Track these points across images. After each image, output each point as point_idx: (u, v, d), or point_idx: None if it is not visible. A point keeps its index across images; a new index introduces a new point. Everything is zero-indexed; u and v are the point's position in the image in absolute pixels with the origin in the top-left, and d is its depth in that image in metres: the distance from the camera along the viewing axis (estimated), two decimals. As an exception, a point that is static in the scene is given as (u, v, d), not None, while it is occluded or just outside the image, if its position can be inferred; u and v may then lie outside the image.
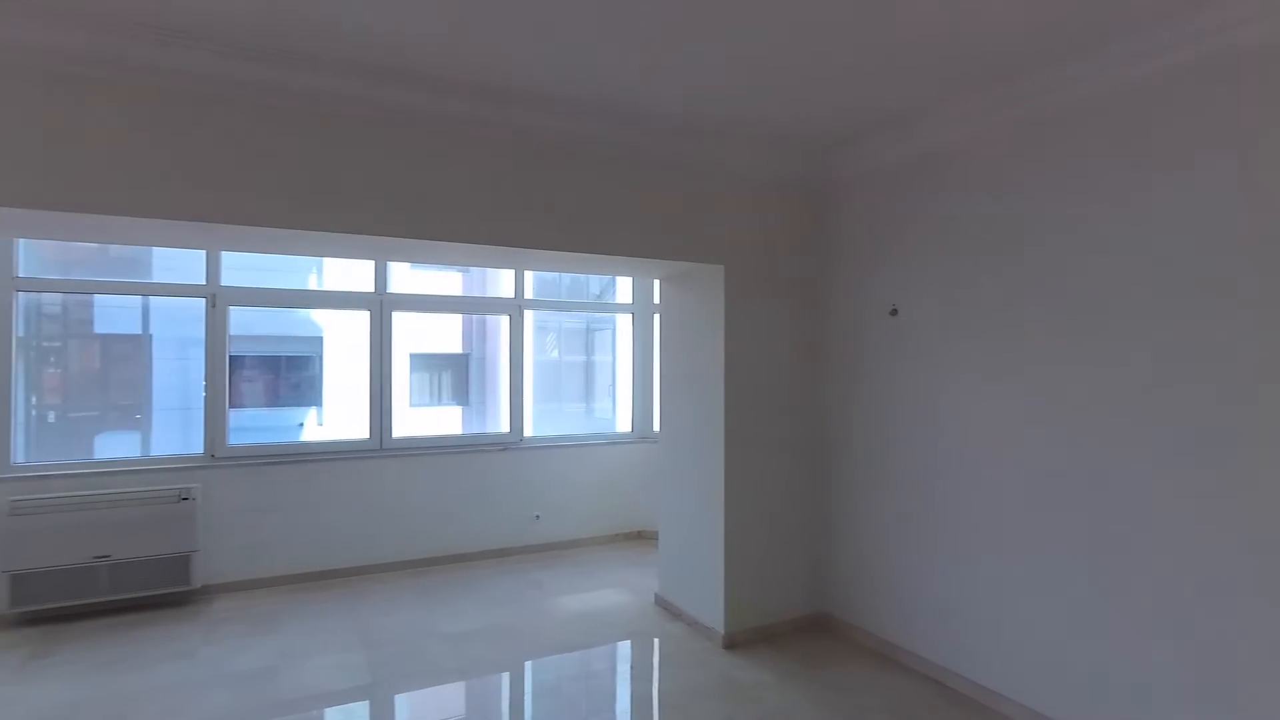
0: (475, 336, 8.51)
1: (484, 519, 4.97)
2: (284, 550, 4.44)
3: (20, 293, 4.13)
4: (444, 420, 8.29)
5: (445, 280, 7.78)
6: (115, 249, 7.09)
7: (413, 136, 2.92)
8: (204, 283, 4.47)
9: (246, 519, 4.36)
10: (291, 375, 8.30)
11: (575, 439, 5.45)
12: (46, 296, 4.40)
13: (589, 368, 7.45)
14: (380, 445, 4.76)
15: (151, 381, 8.29)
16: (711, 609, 3.67)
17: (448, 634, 3.75)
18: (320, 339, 8.55)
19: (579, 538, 5.26)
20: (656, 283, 5.55)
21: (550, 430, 5.53)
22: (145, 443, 7.99)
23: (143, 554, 4.01)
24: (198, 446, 4.48)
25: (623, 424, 5.82)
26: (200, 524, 4.17)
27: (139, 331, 8.34)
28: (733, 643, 3.57)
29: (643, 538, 5.44)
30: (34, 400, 4.37)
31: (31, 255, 4.26)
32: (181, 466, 4.30)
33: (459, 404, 8.50)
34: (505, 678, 3.48)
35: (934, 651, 3.23)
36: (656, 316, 5.53)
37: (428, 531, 4.81)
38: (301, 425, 8.31)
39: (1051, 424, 2.74)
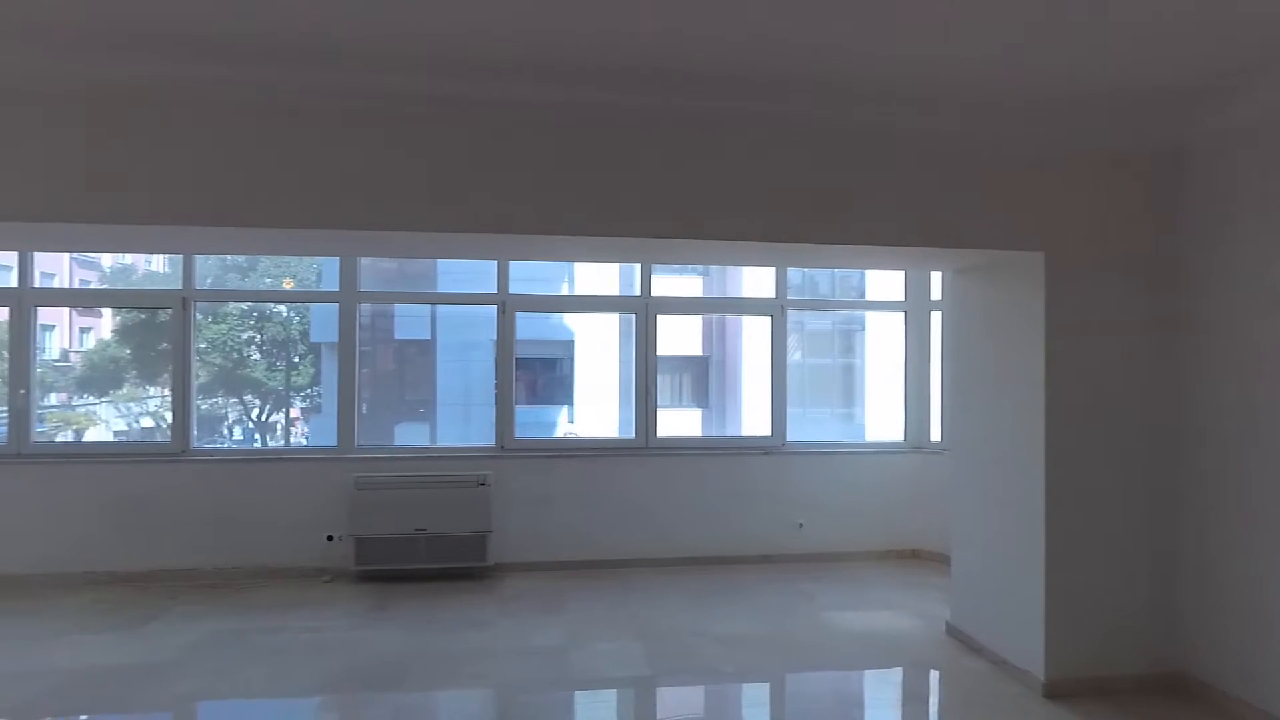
0: (715, 339, 8.57)
1: (746, 523, 4.89)
2: (561, 537, 4.76)
3: (361, 304, 4.92)
4: (685, 422, 8.45)
5: (687, 284, 7.94)
6: (412, 265, 8.29)
7: (685, 136, 2.91)
8: (495, 291, 4.94)
9: (531, 506, 4.74)
10: (547, 375, 9.07)
11: (841, 446, 5.16)
12: (359, 307, 5.07)
13: (838, 371, 7.08)
14: (646, 444, 4.91)
15: (436, 380, 9.59)
16: (1026, 648, 3.15)
17: (720, 636, 3.70)
18: (572, 342, 9.24)
19: (846, 551, 4.94)
20: (935, 277, 5.06)
21: (804, 435, 5.27)
22: (433, 434, 9.23)
23: (450, 530, 4.54)
24: (477, 438, 4.99)
25: (876, 430, 5.40)
26: (493, 508, 4.62)
27: (427, 337, 9.71)
28: (1055, 692, 3.03)
29: (920, 558, 4.97)
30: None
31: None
32: (476, 455, 4.80)
33: (699, 406, 8.62)
34: (785, 690, 3.34)
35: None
36: (935, 314, 5.03)
37: (690, 531, 4.85)
38: (555, 423, 9.04)
39: None
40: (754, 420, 7.80)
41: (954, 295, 3.72)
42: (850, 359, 6.74)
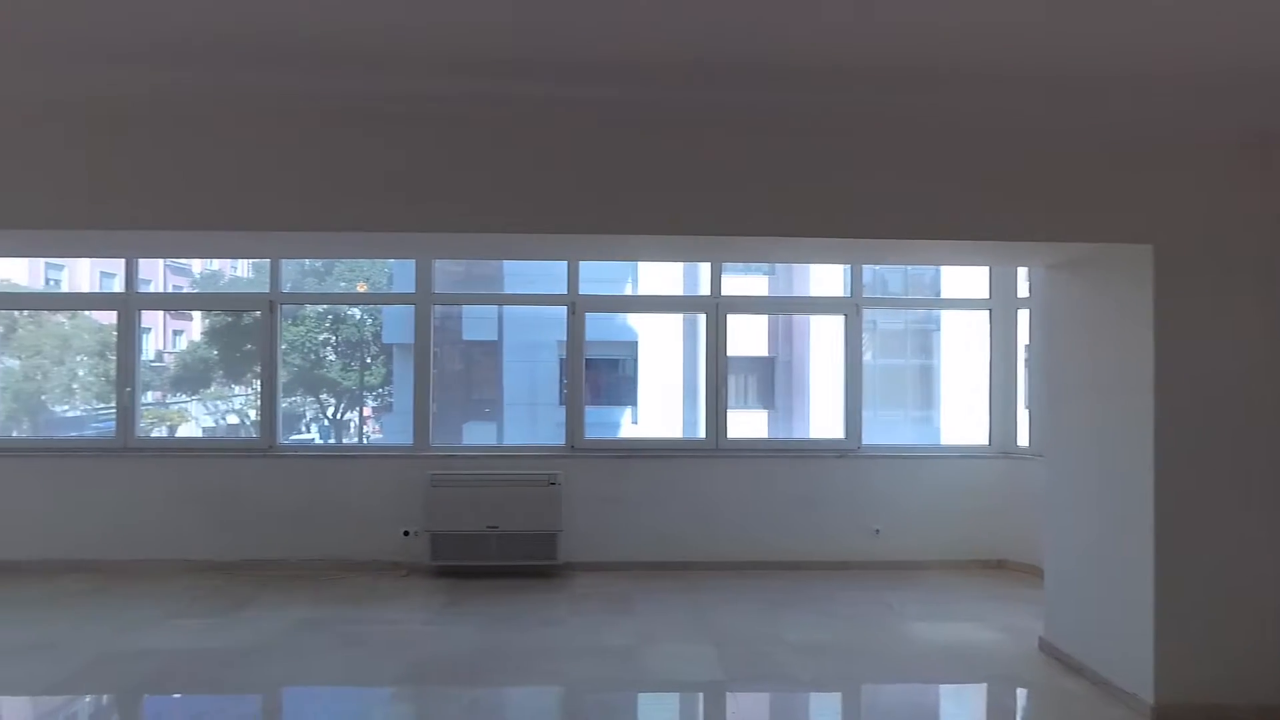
0: (781, 339, 8.43)
1: (820, 527, 4.77)
2: (630, 538, 4.75)
3: (436, 306, 5.04)
4: (751, 424, 8.34)
5: (754, 283, 7.83)
6: (479, 268, 8.47)
7: (764, 129, 2.83)
8: (565, 292, 4.96)
9: (600, 506, 4.75)
10: (610, 376, 9.13)
11: (920, 449, 4.98)
12: (433, 309, 5.14)
13: (912, 372, 6.85)
14: (716, 445, 4.85)
15: (502, 381, 9.77)
16: (1133, 670, 2.94)
17: (795, 643, 3.60)
18: (635, 343, 9.26)
19: (925, 559, 4.75)
20: (1021, 274, 4.81)
21: (877, 438, 5.07)
22: (499, 433, 9.42)
23: (521, 528, 4.59)
24: (542, 438, 5.02)
25: (954, 434, 5.17)
26: (564, 507, 4.64)
27: (494, 338, 9.92)
28: (1165, 717, 2.82)
29: (1006, 568, 4.73)
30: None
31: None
32: (546, 455, 4.84)
33: (764, 408, 8.51)
34: (865, 702, 3.22)
35: None
36: (1023, 313, 4.79)
37: (761, 534, 4.75)
38: (619, 423, 9.08)
39: None
40: (822, 422, 7.65)
41: (1046, 292, 3.52)
42: (925, 359, 6.51)
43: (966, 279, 5.63)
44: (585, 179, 2.86)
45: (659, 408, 8.18)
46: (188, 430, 7.87)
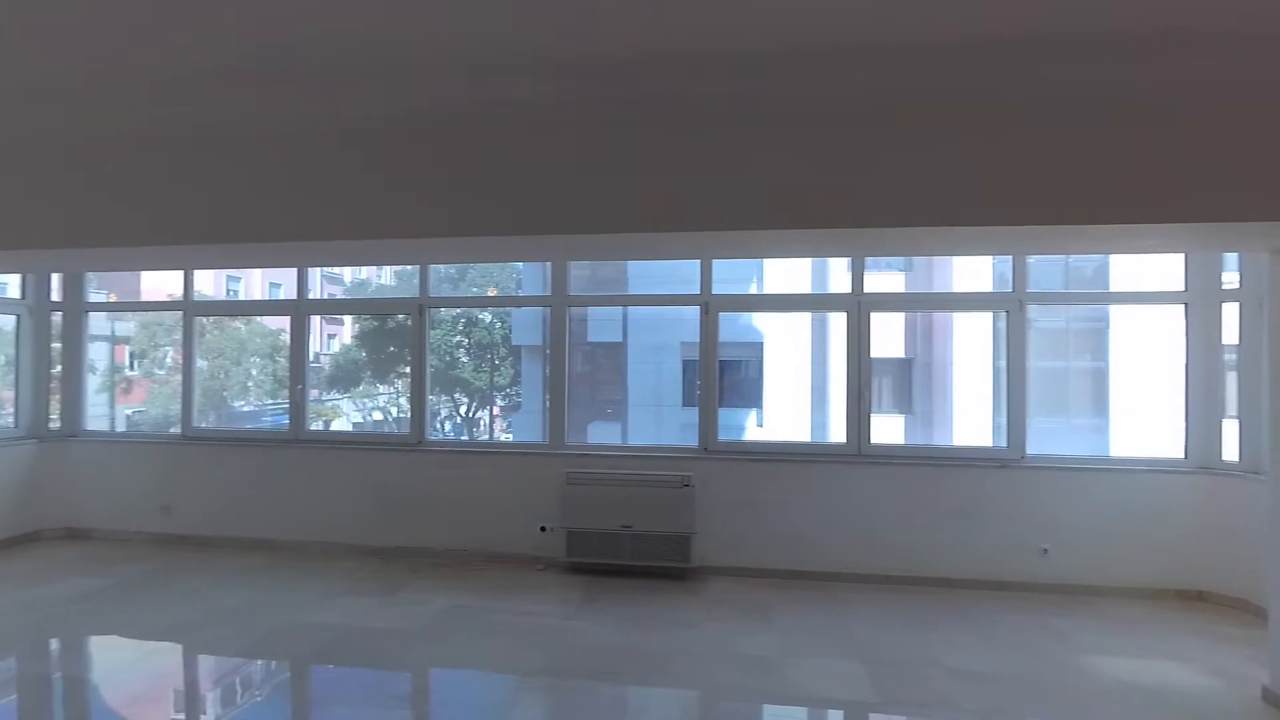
0: (920, 339, 7.93)
1: (976, 543, 4.37)
2: (766, 544, 4.59)
3: (570, 308, 5.12)
4: (886, 429, 7.90)
5: (891, 280, 7.40)
6: (602, 270, 8.58)
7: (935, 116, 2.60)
8: (698, 292, 4.89)
9: (734, 510, 4.63)
10: (734, 378, 8.98)
11: (1098, 461, 4.42)
12: (551, 311, 5.18)
13: (1078, 374, 6.18)
14: (859, 451, 4.59)
15: (627, 381, 9.88)
16: (1398, 733, 2.44)
17: (954, 668, 3.31)
18: (761, 344, 9.06)
19: (1104, 584, 4.23)
20: (1230, 260, 4.18)
21: (1034, 447, 4.51)
22: (624, 433, 9.51)
23: (655, 529, 4.56)
24: (668, 439, 4.94)
25: (1128, 443, 4.55)
26: (697, 509, 4.57)
27: (619, 339, 10.06)
28: None
29: (1208, 601, 4.10)
30: (547, 396, 5.26)
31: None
32: (679, 456, 4.78)
33: (900, 412, 8.03)
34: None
35: None
36: (1229, 306, 4.15)
37: (909, 547, 4.44)
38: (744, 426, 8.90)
39: None
40: (969, 429, 7.09)
41: (1276, 281, 3.00)
42: (1093, 360, 5.85)
43: (1144, 269, 4.98)
44: (717, 175, 2.75)
45: (786, 410, 7.93)
46: (339, 425, 8.60)
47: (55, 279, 5.76)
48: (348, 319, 9.63)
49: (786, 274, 7.84)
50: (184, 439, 5.50)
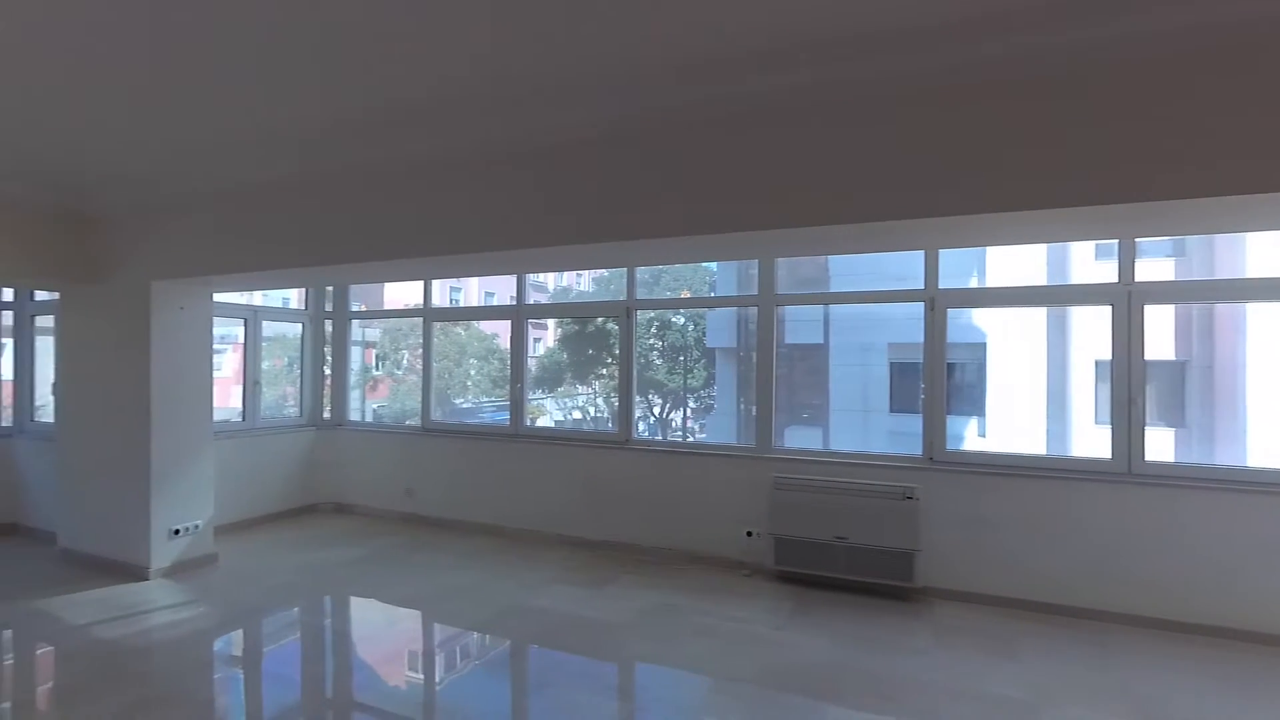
0: (1198, 338, 6.62)
1: (1302, 591, 3.50)
2: (1005, 569, 4.05)
3: (778, 307, 4.96)
4: (1153, 444, 6.71)
5: (1158, 267, 6.26)
6: (800, 269, 8.23)
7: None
8: (922, 287, 4.47)
9: (967, 528, 4.15)
10: (953, 382, 8.16)
11: None
12: (747, 314, 5.06)
13: None
14: (1129, 469, 3.88)
15: (829, 385, 9.40)
16: None
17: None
18: (983, 345, 8.15)
19: None
20: None
21: None
22: (825, 439, 9.06)
23: (873, 543, 4.22)
24: (874, 446, 4.53)
25: None
26: (922, 525, 4.16)
27: (820, 341, 9.62)
28: None
29: None
30: (741, 399, 5.11)
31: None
32: (899, 466, 4.39)
33: (1168, 425, 6.74)
34: None
35: None
36: None
37: (1200, 589, 3.66)
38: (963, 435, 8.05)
39: None
40: (1267, 445, 5.74)
41: None
42: None
43: None
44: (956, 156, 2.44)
45: (1015, 419, 7.03)
46: (544, 422, 9.16)
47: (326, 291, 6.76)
48: (550, 324, 10.25)
49: (1015, 265, 6.98)
50: (424, 431, 6.16)
